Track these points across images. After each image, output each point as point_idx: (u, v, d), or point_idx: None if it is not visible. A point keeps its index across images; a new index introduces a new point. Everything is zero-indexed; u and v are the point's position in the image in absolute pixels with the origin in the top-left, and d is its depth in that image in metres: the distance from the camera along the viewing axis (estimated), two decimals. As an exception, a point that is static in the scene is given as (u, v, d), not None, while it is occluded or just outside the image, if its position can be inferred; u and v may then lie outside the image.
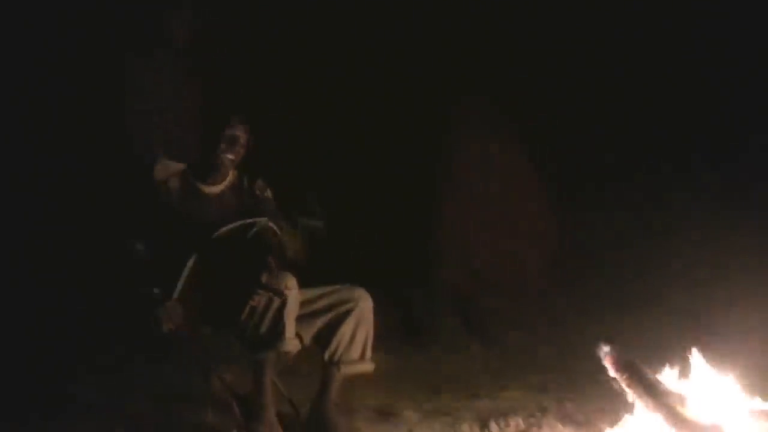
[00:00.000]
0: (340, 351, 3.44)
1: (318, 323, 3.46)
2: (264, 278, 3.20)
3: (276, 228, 3.45)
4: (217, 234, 3.33)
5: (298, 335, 3.37)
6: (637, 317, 5.22)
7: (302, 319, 3.38)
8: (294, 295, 3.23)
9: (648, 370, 3.13)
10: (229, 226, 3.35)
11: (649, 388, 3.04)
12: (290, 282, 3.23)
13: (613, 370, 3.12)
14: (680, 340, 3.36)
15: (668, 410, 2.98)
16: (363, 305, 3.45)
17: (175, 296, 3.24)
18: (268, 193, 3.56)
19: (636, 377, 3.08)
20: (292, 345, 3.31)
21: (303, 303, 3.35)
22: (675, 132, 6.15)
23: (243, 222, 3.38)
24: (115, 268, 3.48)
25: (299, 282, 3.28)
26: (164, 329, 3.23)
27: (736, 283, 5.03)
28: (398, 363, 4.74)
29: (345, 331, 3.43)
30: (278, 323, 3.20)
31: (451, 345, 5.31)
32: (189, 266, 3.27)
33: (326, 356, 3.45)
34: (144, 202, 3.41)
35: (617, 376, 3.12)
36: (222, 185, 3.50)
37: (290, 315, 3.23)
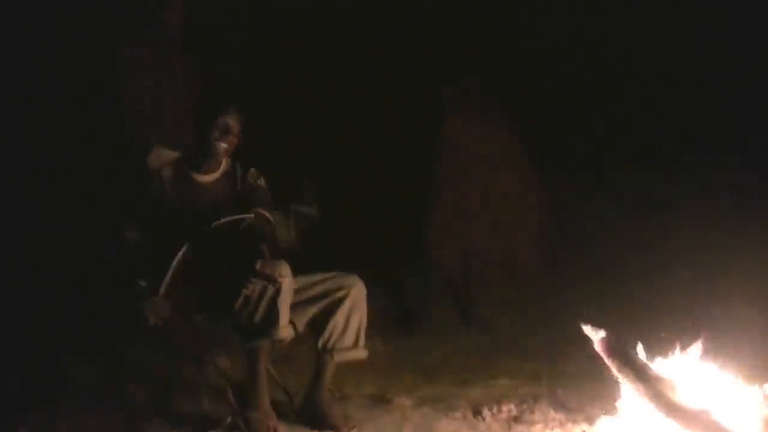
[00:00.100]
0: (334, 338, 3.46)
1: (312, 310, 3.48)
2: (258, 266, 3.22)
3: (269, 216, 3.47)
4: (210, 228, 3.34)
5: (292, 322, 3.40)
6: (635, 306, 5.20)
7: (296, 307, 3.40)
8: (288, 283, 3.25)
9: (639, 357, 3.15)
10: (221, 221, 3.35)
11: (640, 374, 3.05)
12: (284, 270, 3.25)
13: (605, 356, 3.14)
14: (675, 328, 3.37)
15: (658, 396, 3.00)
16: (356, 292, 3.47)
17: (162, 292, 3.26)
18: (262, 182, 3.56)
19: (627, 363, 3.09)
20: (286, 333, 3.34)
21: (297, 290, 3.38)
22: (675, 132, 6.15)
23: (232, 218, 3.38)
24: (108, 258, 3.51)
25: (293, 269, 3.29)
26: (150, 323, 3.25)
27: (736, 283, 5.02)
28: (391, 350, 4.75)
29: (338, 319, 3.45)
30: (272, 311, 3.22)
31: (445, 332, 5.30)
32: (178, 259, 3.27)
33: (320, 344, 3.47)
34: (137, 191, 3.43)
35: (609, 362, 3.13)
36: (215, 174, 3.51)
37: (284, 303, 3.25)
